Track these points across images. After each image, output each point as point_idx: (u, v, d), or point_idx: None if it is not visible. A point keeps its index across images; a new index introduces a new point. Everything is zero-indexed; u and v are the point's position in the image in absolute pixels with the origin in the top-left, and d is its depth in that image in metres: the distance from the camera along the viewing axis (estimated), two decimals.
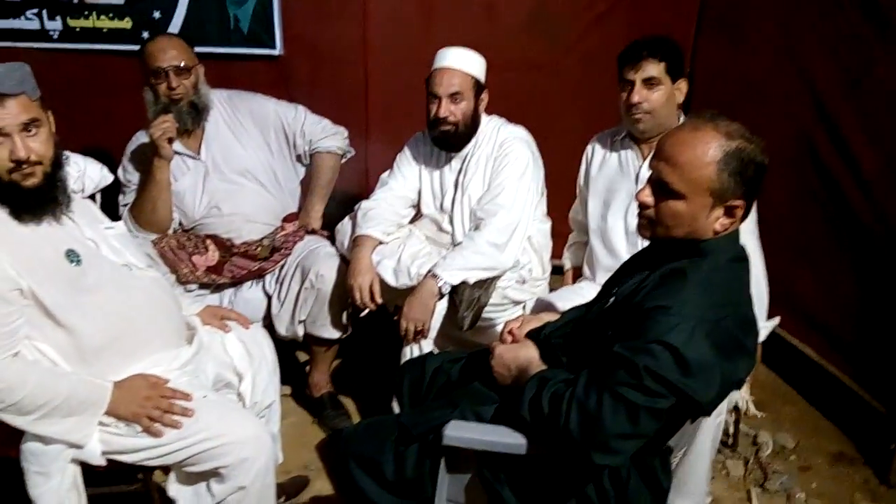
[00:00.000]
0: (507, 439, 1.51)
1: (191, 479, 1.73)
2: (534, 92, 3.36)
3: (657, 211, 1.44)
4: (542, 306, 2.34)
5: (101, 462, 1.67)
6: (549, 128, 3.03)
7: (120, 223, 1.91)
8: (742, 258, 1.49)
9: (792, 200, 2.84)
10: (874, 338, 2.55)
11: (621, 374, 1.35)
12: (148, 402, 1.67)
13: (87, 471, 1.69)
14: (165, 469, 1.75)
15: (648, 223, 1.47)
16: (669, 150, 1.41)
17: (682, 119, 2.25)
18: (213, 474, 1.70)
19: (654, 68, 2.14)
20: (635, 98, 2.15)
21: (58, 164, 1.68)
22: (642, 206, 1.46)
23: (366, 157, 3.39)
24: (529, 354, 1.63)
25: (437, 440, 1.55)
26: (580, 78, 3.29)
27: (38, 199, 1.65)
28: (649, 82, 2.15)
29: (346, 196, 2.88)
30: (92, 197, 2.04)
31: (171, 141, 2.37)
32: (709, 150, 1.37)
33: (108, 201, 2.55)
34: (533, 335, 1.74)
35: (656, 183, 1.43)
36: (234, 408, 1.83)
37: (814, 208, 2.77)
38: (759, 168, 1.39)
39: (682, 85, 2.21)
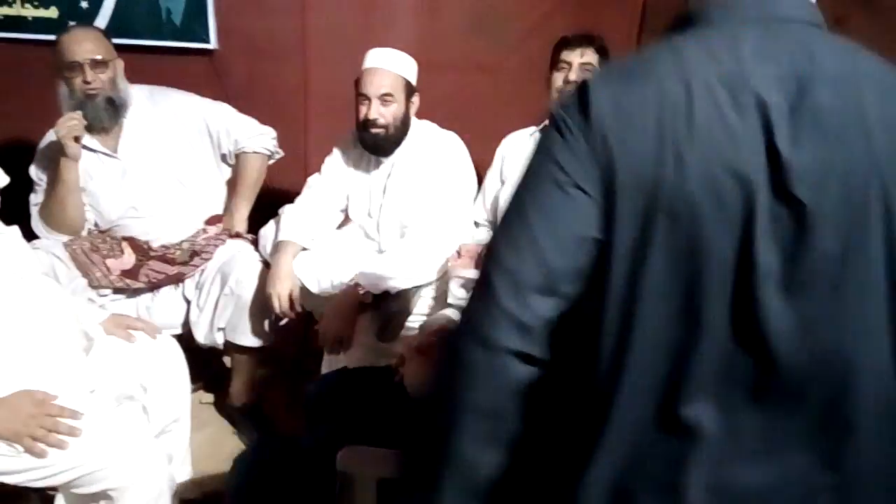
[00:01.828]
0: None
1: (80, 501, 1.65)
2: (476, 93, 3.29)
3: None
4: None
5: None
6: (490, 129, 2.96)
7: (13, 228, 1.81)
8: None
9: None
10: None
11: None
12: (32, 421, 1.58)
13: None
14: (53, 490, 1.67)
15: None
16: None
17: None
18: (102, 496, 1.62)
19: (591, 56, 2.29)
20: (573, 76, 2.25)
21: None
22: None
23: (305, 156, 3.30)
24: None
25: (332, 464, 1.48)
26: (523, 79, 3.21)
27: None
28: (585, 66, 2.27)
29: (285, 198, 2.79)
30: None
31: (77, 139, 2.27)
32: None
33: (23, 201, 2.46)
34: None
35: None
36: (126, 427, 1.74)
37: None
38: None
39: None
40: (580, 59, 2.26)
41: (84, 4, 3.04)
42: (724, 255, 0.77)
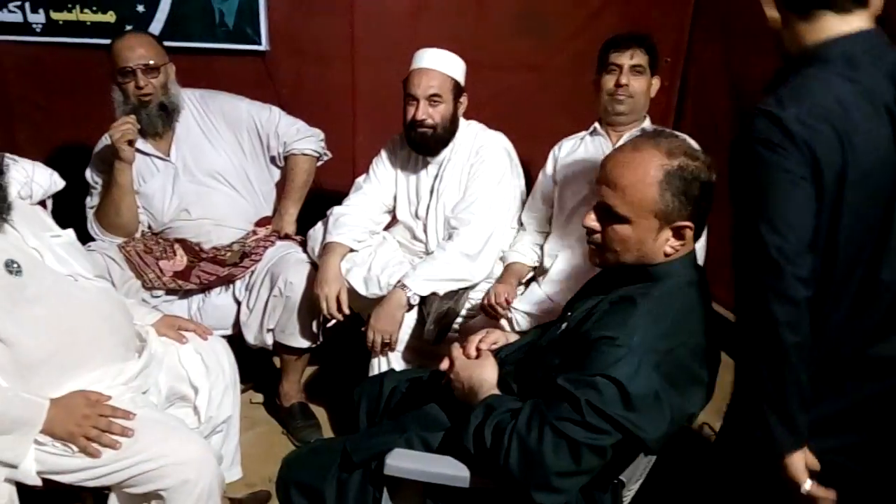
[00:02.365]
0: (451, 471, 1.44)
1: (132, 500, 1.67)
2: (523, 92, 3.28)
3: (604, 236, 1.37)
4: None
5: (37, 482, 1.61)
6: (538, 128, 2.95)
7: (68, 231, 1.84)
8: (699, 282, 1.40)
9: None
10: None
11: (564, 408, 1.28)
12: (86, 421, 1.61)
13: (26, 490, 1.63)
14: (106, 490, 1.69)
15: (597, 249, 1.40)
16: (611, 173, 1.35)
17: (647, 119, 2.35)
18: (154, 496, 1.64)
19: (641, 57, 2.25)
20: (624, 80, 2.23)
21: None
22: (589, 232, 1.39)
23: (353, 157, 3.33)
24: (484, 375, 1.54)
25: (379, 468, 1.48)
26: (571, 78, 3.18)
27: None
28: (636, 69, 2.25)
29: (333, 199, 2.81)
30: (43, 203, 1.98)
31: (131, 143, 2.31)
32: (650, 170, 1.31)
33: (78, 204, 2.52)
34: (493, 353, 1.67)
35: (601, 207, 1.36)
36: (178, 427, 1.76)
37: None
38: (704, 186, 1.32)
39: (656, 81, 2.32)
40: (630, 62, 2.23)
41: (140, 8, 3.11)
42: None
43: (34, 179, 1.87)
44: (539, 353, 1.51)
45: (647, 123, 2.34)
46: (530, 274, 2.43)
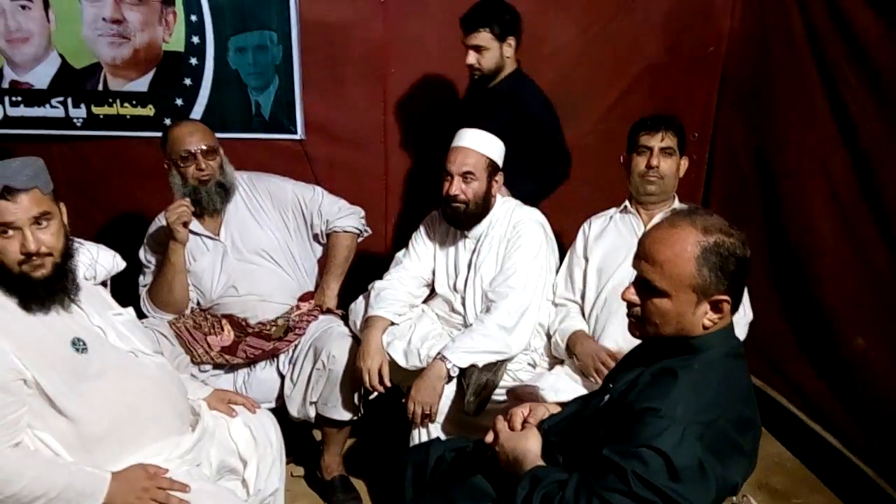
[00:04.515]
0: None
1: None
2: None
3: (644, 310, 1.44)
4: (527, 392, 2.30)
5: None
6: (568, 205, 3.04)
7: (128, 309, 1.94)
8: (738, 354, 1.45)
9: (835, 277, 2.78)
10: None
11: (610, 478, 1.32)
12: (145, 494, 1.67)
13: None
14: None
15: (637, 322, 1.46)
16: (649, 249, 1.42)
17: (676, 199, 2.45)
18: None
19: (671, 139, 2.38)
20: (654, 162, 2.36)
21: (68, 254, 1.73)
22: (630, 305, 1.46)
23: (385, 237, 3.44)
24: (528, 447, 1.59)
25: None
26: (600, 154, 3.29)
27: (47, 289, 1.69)
28: (666, 151, 2.37)
29: (367, 276, 2.90)
30: (104, 282, 2.08)
31: (185, 224, 2.43)
32: (687, 246, 1.37)
33: (130, 281, 2.62)
34: (537, 425, 1.71)
35: (640, 282, 1.43)
36: (230, 500, 1.81)
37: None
38: (740, 261, 1.39)
39: (685, 161, 2.45)
40: (660, 144, 2.35)
41: (179, 102, 3.24)
42: None
43: (98, 261, 1.99)
44: (583, 423, 1.56)
45: (676, 203, 2.44)
46: None
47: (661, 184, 2.39)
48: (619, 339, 2.27)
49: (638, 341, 1.60)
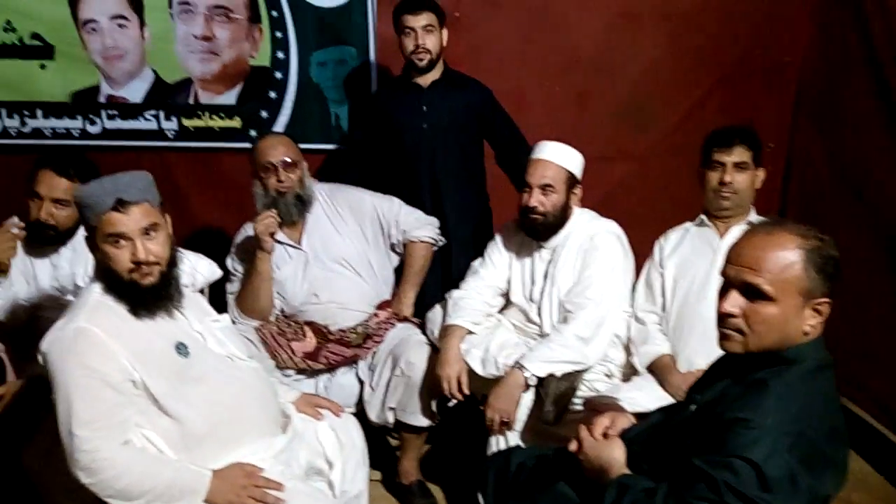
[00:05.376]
0: None
1: None
2: (624, 182, 3.39)
3: (747, 319, 1.42)
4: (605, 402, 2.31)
5: None
6: (639, 217, 3.04)
7: (225, 316, 2.04)
8: (827, 365, 1.45)
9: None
10: None
11: (701, 488, 1.34)
12: (243, 492, 1.76)
13: None
14: None
15: (736, 334, 1.45)
16: (751, 255, 1.41)
17: (753, 211, 2.43)
18: None
19: (744, 153, 2.35)
20: (728, 177, 2.34)
21: (173, 263, 1.83)
22: (726, 316, 1.45)
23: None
24: (614, 455, 1.61)
25: None
26: (673, 166, 3.29)
27: (154, 296, 1.79)
28: (740, 166, 2.35)
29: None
30: (201, 290, 2.19)
31: (272, 235, 2.53)
32: (792, 249, 1.39)
33: (218, 289, 2.74)
34: (619, 435, 1.74)
35: (744, 288, 1.42)
36: (321, 499, 1.89)
37: None
38: (836, 264, 1.40)
39: (761, 172, 2.43)
40: (734, 159, 2.34)
41: (264, 114, 3.40)
42: None
43: (197, 269, 2.10)
44: (668, 434, 1.58)
45: (753, 215, 2.43)
46: None
47: (736, 199, 2.38)
48: (699, 355, 2.26)
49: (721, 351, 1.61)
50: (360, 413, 2.61)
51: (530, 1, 3.28)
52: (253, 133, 3.32)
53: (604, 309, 2.39)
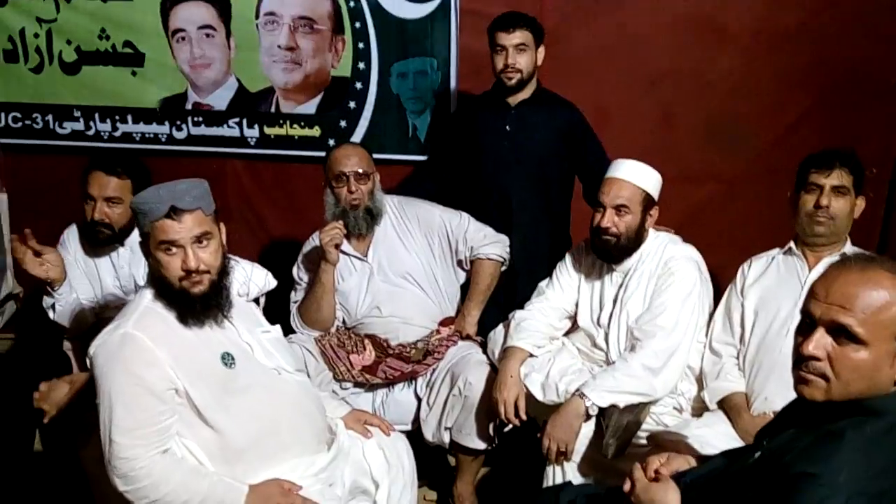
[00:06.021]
0: None
1: None
2: (711, 203, 3.23)
3: (832, 363, 1.28)
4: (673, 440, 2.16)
5: None
6: (725, 241, 2.89)
7: (276, 327, 2.01)
8: None
9: None
10: None
11: None
12: None
13: None
14: None
15: (820, 379, 1.29)
16: (842, 291, 1.27)
17: (848, 242, 2.23)
18: None
19: (844, 177, 2.17)
20: (824, 201, 2.16)
21: (224, 272, 1.82)
22: (809, 359, 1.30)
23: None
24: (667, 500, 1.50)
25: None
26: (762, 190, 3.11)
27: (204, 305, 1.78)
28: (839, 190, 2.17)
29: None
30: (256, 300, 2.18)
31: (337, 246, 2.51)
32: (889, 288, 1.24)
33: (282, 298, 2.74)
34: (676, 477, 1.61)
35: (831, 328, 1.28)
36: None
37: None
38: None
39: (861, 201, 2.24)
40: (832, 182, 2.16)
41: (343, 124, 3.42)
42: None
43: (251, 279, 2.09)
44: (729, 482, 1.44)
45: (848, 246, 2.22)
46: None
47: (831, 225, 2.18)
48: (777, 396, 2.08)
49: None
50: (417, 431, 2.56)
51: (614, 15, 3.17)
52: (331, 142, 3.34)
53: (675, 338, 2.25)
